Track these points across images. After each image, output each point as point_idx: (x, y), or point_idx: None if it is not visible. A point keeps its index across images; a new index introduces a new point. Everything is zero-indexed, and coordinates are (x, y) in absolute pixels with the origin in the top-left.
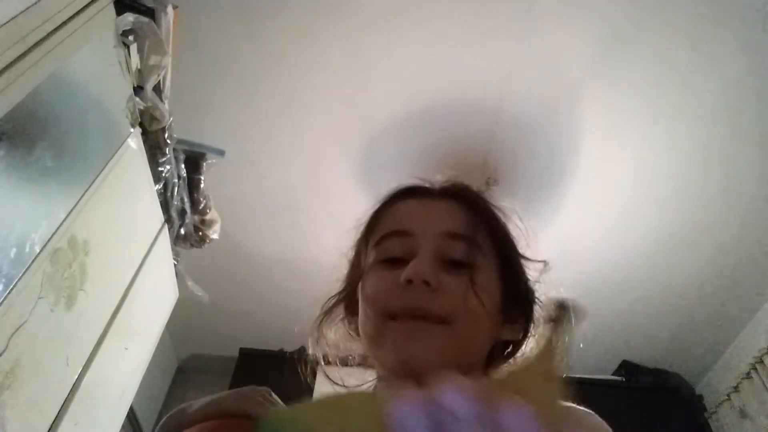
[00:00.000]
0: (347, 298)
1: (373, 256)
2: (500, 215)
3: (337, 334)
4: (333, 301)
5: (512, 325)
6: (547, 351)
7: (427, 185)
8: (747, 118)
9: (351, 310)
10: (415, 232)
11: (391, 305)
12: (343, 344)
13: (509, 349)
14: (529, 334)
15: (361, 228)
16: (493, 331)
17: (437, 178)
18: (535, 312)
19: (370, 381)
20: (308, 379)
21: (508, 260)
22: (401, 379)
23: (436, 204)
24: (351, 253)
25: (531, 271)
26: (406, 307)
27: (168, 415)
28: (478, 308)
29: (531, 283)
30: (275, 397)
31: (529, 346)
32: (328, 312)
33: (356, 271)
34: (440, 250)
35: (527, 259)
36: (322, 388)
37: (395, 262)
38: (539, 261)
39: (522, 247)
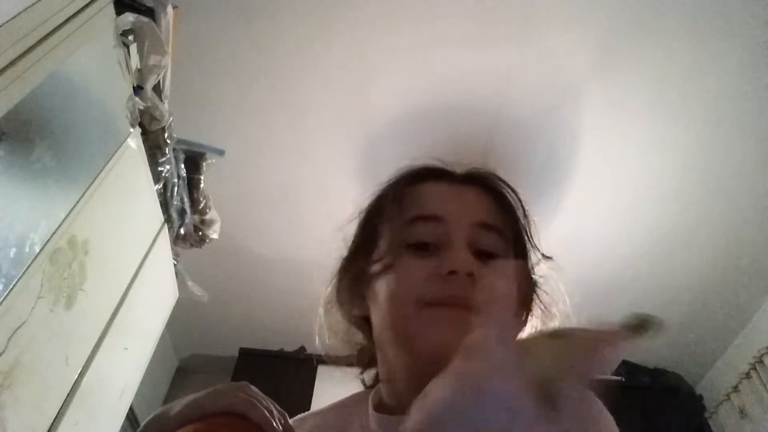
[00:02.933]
0: (351, 280)
1: (400, 238)
2: (523, 205)
3: (337, 319)
4: (348, 280)
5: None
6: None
7: (450, 168)
8: (747, 117)
9: (357, 292)
10: (448, 219)
11: (432, 294)
12: (344, 332)
13: None
14: (529, 319)
15: (379, 202)
16: None
17: (458, 162)
18: (534, 304)
19: (367, 386)
20: (308, 378)
21: (523, 250)
22: (420, 372)
23: (465, 190)
24: (363, 227)
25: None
26: (452, 296)
27: (148, 420)
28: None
29: (534, 274)
30: (254, 389)
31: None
32: (343, 290)
33: (370, 249)
34: (472, 240)
35: (537, 249)
36: (321, 387)
37: (422, 248)
38: (548, 257)
39: (534, 236)
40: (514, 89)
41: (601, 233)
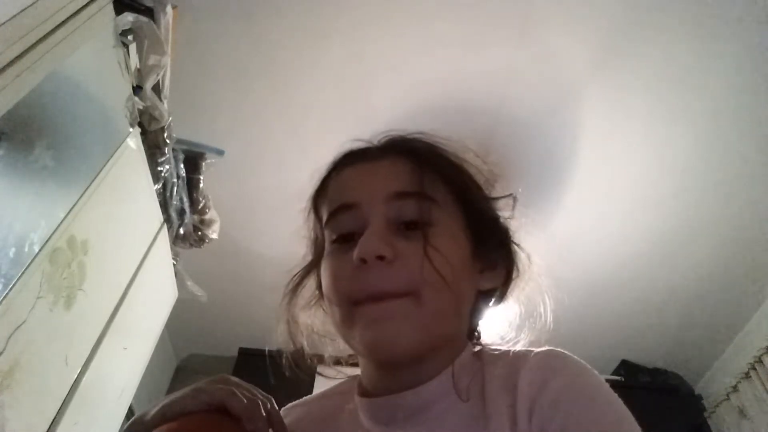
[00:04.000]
0: (316, 276)
1: (327, 235)
2: (452, 157)
3: (314, 317)
4: (298, 277)
5: (492, 271)
6: None
7: (367, 145)
8: (747, 117)
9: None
10: (361, 201)
11: (353, 291)
12: (322, 327)
13: (495, 297)
14: (514, 275)
15: (310, 202)
16: (470, 285)
17: (376, 135)
18: (514, 251)
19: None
20: (308, 378)
21: (471, 204)
22: (382, 368)
23: (377, 165)
24: (308, 229)
25: (502, 209)
26: (367, 292)
27: (128, 423)
28: (443, 269)
29: (503, 222)
30: (234, 380)
31: (519, 288)
32: (294, 290)
33: (318, 248)
34: (391, 215)
35: (493, 198)
36: (321, 387)
37: (349, 239)
38: (505, 196)
39: (485, 186)
40: (514, 89)
41: (600, 233)
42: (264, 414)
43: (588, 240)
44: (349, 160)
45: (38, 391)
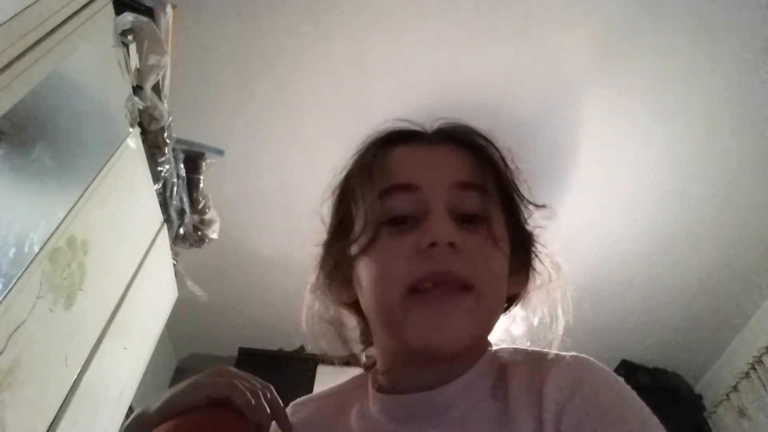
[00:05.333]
0: (334, 264)
1: (374, 215)
2: (507, 157)
3: (327, 306)
4: (332, 260)
5: (515, 277)
6: None
7: (418, 128)
8: (746, 116)
9: (343, 278)
10: (423, 184)
11: (415, 275)
12: (333, 319)
13: (512, 301)
14: (530, 283)
15: (348, 177)
16: (506, 288)
17: (427, 120)
18: (534, 259)
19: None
20: (308, 378)
21: (513, 206)
22: (414, 364)
23: (438, 149)
24: (337, 207)
25: (532, 216)
26: (433, 272)
27: (128, 421)
28: (502, 266)
29: (529, 228)
30: (232, 370)
31: (532, 297)
32: (328, 278)
33: (347, 230)
34: (452, 204)
35: (530, 202)
36: (321, 387)
37: (401, 222)
38: (540, 205)
39: (523, 189)
40: (514, 89)
41: (600, 232)
42: (266, 404)
43: (588, 240)
44: (401, 139)
45: (38, 391)
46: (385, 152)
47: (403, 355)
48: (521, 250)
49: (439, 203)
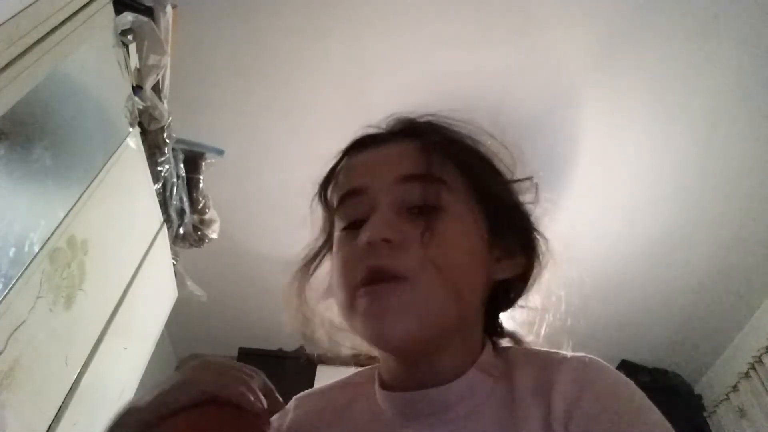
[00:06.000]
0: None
1: (337, 222)
2: (466, 139)
3: (331, 309)
4: (308, 259)
5: (510, 260)
6: None
7: (376, 131)
8: (747, 117)
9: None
10: (369, 186)
11: (356, 274)
12: (338, 320)
13: (517, 288)
14: (535, 265)
15: (319, 191)
16: (481, 274)
17: (385, 119)
18: (536, 239)
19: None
20: (308, 378)
21: (486, 188)
22: (395, 360)
23: (386, 149)
24: (317, 219)
25: (524, 194)
26: (368, 269)
27: (117, 418)
28: (440, 258)
29: (523, 208)
30: (216, 362)
31: (539, 280)
32: (305, 272)
33: (329, 237)
34: (398, 199)
35: (511, 181)
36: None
37: (359, 225)
38: (523, 179)
39: (504, 169)
40: (514, 89)
41: (600, 233)
42: (261, 395)
43: (587, 240)
44: (359, 147)
45: (38, 391)
46: (346, 161)
47: (383, 354)
48: (513, 230)
49: (384, 201)
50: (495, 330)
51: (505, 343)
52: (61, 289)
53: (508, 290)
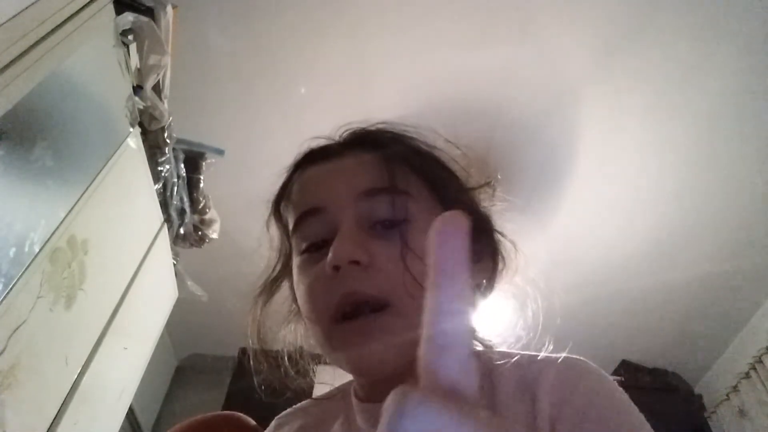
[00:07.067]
0: (290, 288)
1: (295, 244)
2: (422, 146)
3: (295, 333)
4: (266, 288)
5: (477, 263)
6: None
7: (328, 142)
8: (747, 117)
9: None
10: (327, 204)
11: (329, 305)
12: (306, 343)
13: (482, 290)
14: (499, 266)
15: (272, 209)
16: None
17: (338, 130)
18: (498, 240)
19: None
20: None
21: (447, 194)
22: (371, 383)
23: (341, 162)
24: (272, 239)
25: (483, 199)
26: (343, 296)
27: None
28: (422, 275)
29: (484, 211)
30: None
31: (506, 279)
32: (264, 298)
33: (286, 259)
34: (363, 216)
35: (474, 187)
36: (321, 387)
37: (320, 247)
38: (483, 185)
39: (461, 173)
40: (514, 89)
41: (600, 233)
42: None
43: (588, 240)
44: (311, 160)
45: (38, 391)
46: (299, 176)
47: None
48: (478, 236)
49: (348, 219)
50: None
51: (479, 346)
52: (62, 289)
53: (476, 293)
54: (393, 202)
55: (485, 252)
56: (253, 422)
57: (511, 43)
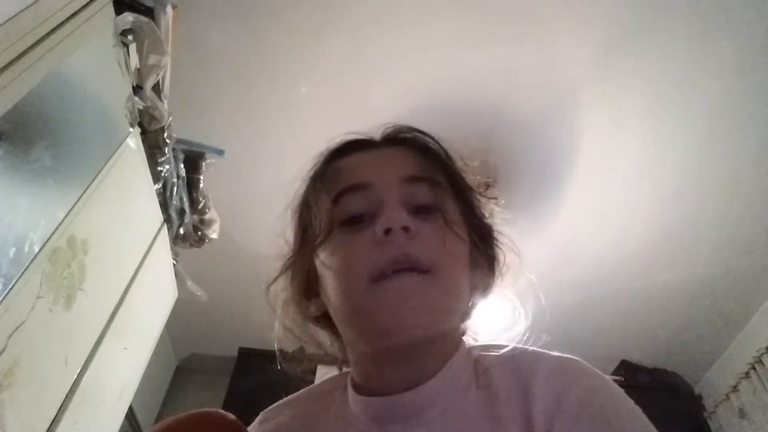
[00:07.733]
0: (302, 278)
1: (330, 218)
2: (449, 151)
3: (294, 318)
4: (297, 269)
5: (480, 268)
6: None
7: (368, 137)
8: (747, 116)
9: (306, 291)
10: (375, 182)
11: (376, 264)
12: (302, 332)
13: (481, 293)
14: (496, 276)
15: (305, 190)
16: (468, 279)
17: (374, 129)
18: (497, 250)
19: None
20: (308, 378)
21: (467, 199)
22: (386, 361)
23: (386, 152)
24: (299, 221)
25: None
26: (394, 257)
27: None
28: (459, 250)
29: (489, 221)
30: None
31: (498, 289)
32: (297, 286)
33: (310, 238)
34: (405, 197)
35: (482, 195)
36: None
37: (357, 222)
38: (493, 198)
39: (473, 183)
40: (514, 89)
41: (600, 233)
42: None
43: (588, 239)
44: (353, 148)
45: (38, 391)
46: (336, 162)
47: (375, 354)
48: (481, 242)
49: (392, 196)
50: (464, 332)
51: (475, 344)
52: (61, 289)
53: (476, 296)
54: (434, 190)
55: (486, 259)
56: (232, 416)
57: (511, 43)
